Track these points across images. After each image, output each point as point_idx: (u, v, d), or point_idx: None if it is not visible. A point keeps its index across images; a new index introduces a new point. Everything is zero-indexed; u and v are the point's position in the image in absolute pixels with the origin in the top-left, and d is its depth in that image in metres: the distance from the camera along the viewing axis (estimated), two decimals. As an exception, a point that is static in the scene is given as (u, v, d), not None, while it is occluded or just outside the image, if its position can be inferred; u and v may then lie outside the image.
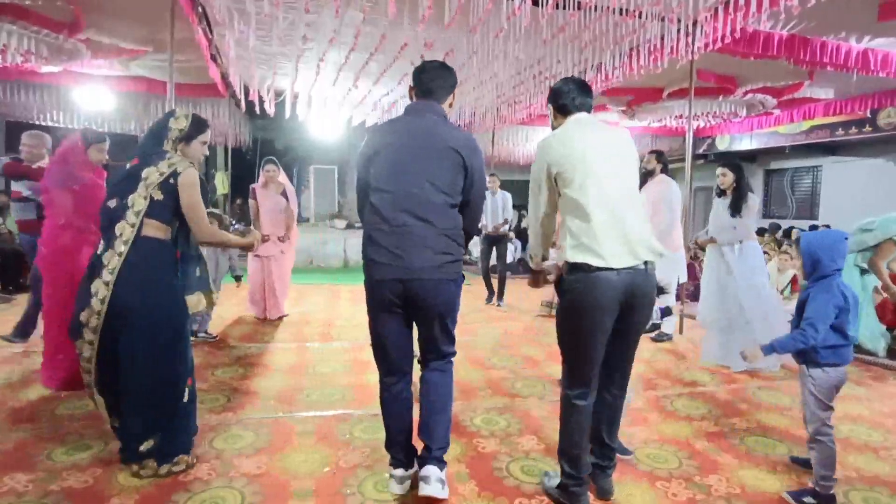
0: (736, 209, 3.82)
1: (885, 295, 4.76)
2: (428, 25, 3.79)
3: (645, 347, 4.47)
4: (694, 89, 5.10)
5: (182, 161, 2.20)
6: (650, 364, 4.02)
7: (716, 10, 3.75)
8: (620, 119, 9.13)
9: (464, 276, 2.11)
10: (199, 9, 4.41)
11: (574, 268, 1.92)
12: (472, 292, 6.23)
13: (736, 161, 4.30)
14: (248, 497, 2.04)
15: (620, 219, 1.91)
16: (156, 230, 2.14)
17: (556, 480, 2.10)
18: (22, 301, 5.64)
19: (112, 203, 2.16)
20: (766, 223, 11.25)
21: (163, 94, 7.04)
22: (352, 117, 7.99)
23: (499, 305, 6.27)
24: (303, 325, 5.02)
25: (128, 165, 2.22)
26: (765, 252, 5.40)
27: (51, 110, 7.47)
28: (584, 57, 4.77)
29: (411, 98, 2.20)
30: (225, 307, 5.78)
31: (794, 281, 6.11)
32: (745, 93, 6.64)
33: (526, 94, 6.39)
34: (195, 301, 2.44)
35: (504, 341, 4.63)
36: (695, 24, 4.01)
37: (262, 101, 6.41)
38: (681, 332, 4.96)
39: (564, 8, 3.65)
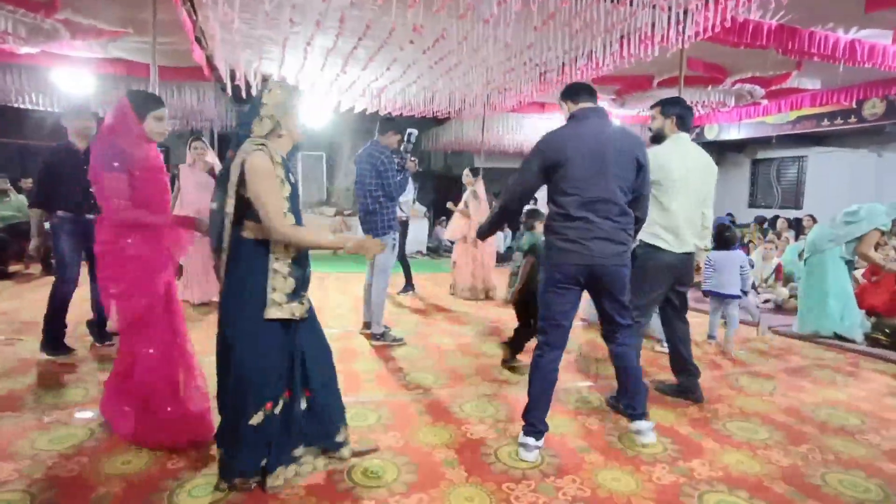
0: None
1: (863, 281, 4.87)
2: (417, 10, 3.73)
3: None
4: (684, 78, 5.11)
5: (252, 144, 1.88)
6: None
7: (706, -2, 3.75)
8: (610, 107, 9.13)
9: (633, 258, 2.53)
10: (183, -11, 4.30)
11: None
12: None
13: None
14: (238, 484, 2.04)
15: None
16: (251, 231, 1.91)
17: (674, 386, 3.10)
18: (6, 287, 5.55)
19: (214, 206, 1.99)
20: (752, 213, 11.39)
21: (145, 76, 6.90)
22: (340, 103, 7.89)
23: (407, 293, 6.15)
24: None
25: (230, 155, 2.02)
26: (749, 242, 5.48)
27: (29, 92, 7.28)
28: (574, 44, 4.74)
29: (569, 107, 2.50)
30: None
31: (778, 269, 6.22)
32: (734, 82, 6.67)
33: (516, 81, 6.35)
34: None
35: (493, 329, 4.66)
36: (685, 12, 4.00)
37: (248, 86, 6.29)
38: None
39: (555, -6, 3.62)
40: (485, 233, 2.75)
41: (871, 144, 9.67)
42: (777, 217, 9.75)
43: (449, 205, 6.41)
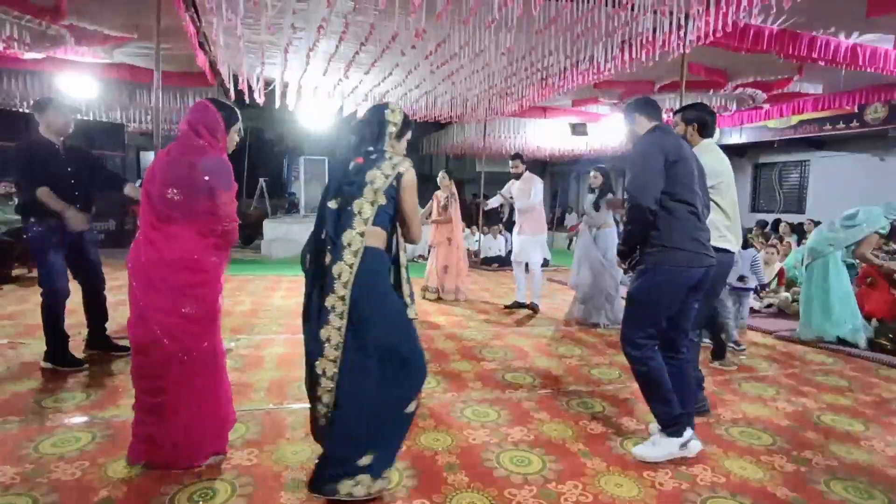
0: (597, 206, 4.91)
1: (862, 287, 4.86)
2: (419, 15, 3.75)
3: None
4: (685, 83, 5.12)
5: (403, 161, 1.98)
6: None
7: (707, 3, 3.76)
8: (612, 112, 9.15)
9: None
10: (187, -5, 4.34)
11: None
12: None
13: (606, 168, 5.11)
14: (240, 489, 2.05)
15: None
16: (376, 239, 1.95)
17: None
18: (10, 290, 5.57)
19: (333, 204, 1.96)
20: (754, 217, 11.36)
21: (148, 82, 6.95)
22: (342, 107, 7.92)
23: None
24: (294, 316, 5.00)
25: (351, 165, 2.00)
26: (752, 246, 5.47)
27: (34, 97, 7.33)
28: (576, 49, 4.76)
29: (650, 121, 2.53)
30: (214, 298, 5.75)
31: (780, 274, 6.20)
32: (736, 87, 6.68)
33: (518, 85, 6.38)
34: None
35: (494, 334, 4.65)
36: (687, 17, 4.01)
37: (251, 91, 6.33)
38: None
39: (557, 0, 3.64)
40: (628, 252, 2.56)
41: (874, 149, 9.66)
42: (779, 221, 9.73)
43: (430, 218, 6.22)
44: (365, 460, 1.91)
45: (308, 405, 2.07)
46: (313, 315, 1.95)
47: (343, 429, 1.92)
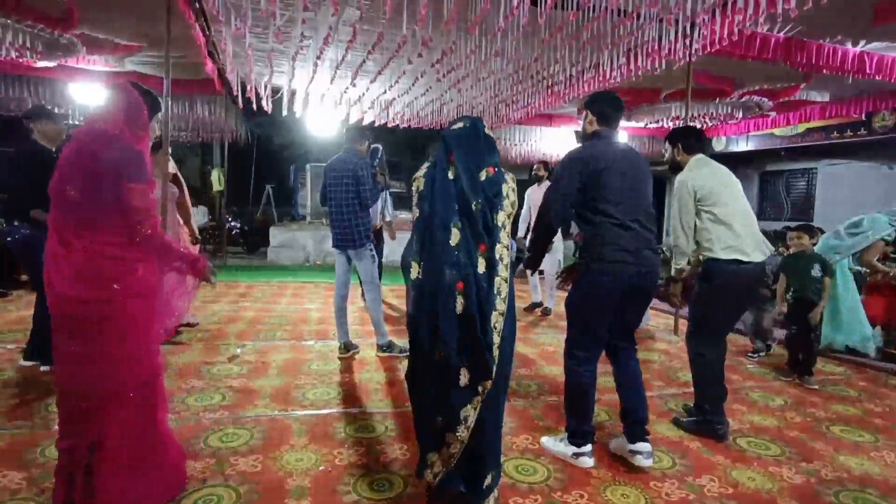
0: None
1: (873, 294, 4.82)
2: (425, 23, 3.78)
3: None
4: (691, 91, 5.12)
5: (513, 179, 1.94)
6: (644, 364, 4.02)
7: (713, 12, 3.77)
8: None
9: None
10: (197, 4, 4.39)
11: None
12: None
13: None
14: (244, 495, 2.04)
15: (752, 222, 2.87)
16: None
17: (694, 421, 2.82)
18: (18, 297, 5.62)
19: (476, 215, 1.83)
20: (760, 226, 11.25)
21: (158, 90, 7.02)
22: (349, 115, 7.97)
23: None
24: (299, 322, 5.01)
25: (483, 175, 1.86)
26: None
27: (45, 105, 7.43)
28: (582, 57, 4.77)
29: (592, 125, 2.52)
30: (220, 304, 5.77)
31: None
32: (742, 95, 6.67)
33: (523, 93, 6.39)
34: None
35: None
36: (692, 25, 4.02)
37: (258, 99, 6.39)
38: (675, 332, 4.99)
39: (563, 8, 3.65)
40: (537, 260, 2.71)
41: (882, 157, 9.59)
42: (787, 228, 9.66)
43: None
44: (488, 480, 1.89)
45: (313, 411, 2.06)
46: (448, 320, 1.77)
47: (477, 452, 1.84)
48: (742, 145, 10.73)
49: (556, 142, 10.63)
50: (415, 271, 1.83)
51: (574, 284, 2.45)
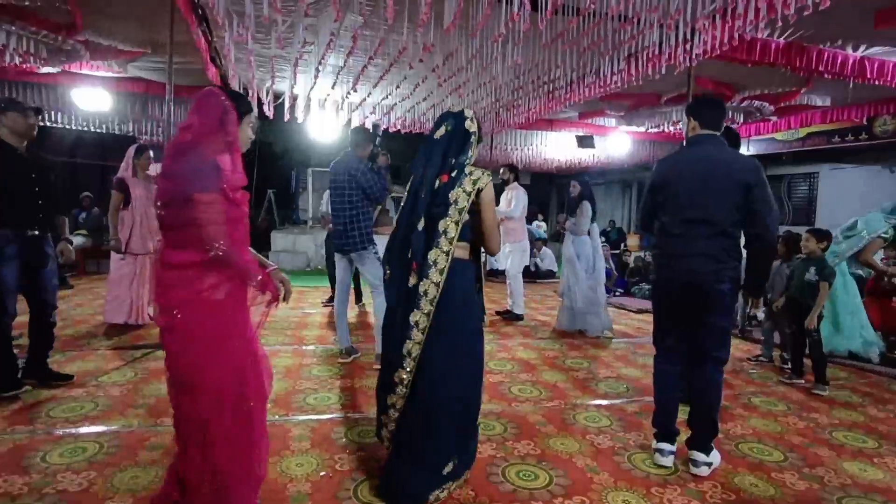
0: (572, 212, 5.16)
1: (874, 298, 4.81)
2: (427, 29, 3.80)
3: (640, 353, 4.48)
4: (692, 95, 5.12)
5: (483, 175, 1.98)
6: (645, 369, 4.02)
7: (714, 17, 3.78)
8: (618, 124, 9.17)
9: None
10: (199, 11, 4.42)
11: None
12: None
13: (584, 177, 5.35)
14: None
15: None
16: (462, 251, 2.04)
17: None
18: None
19: (420, 225, 1.97)
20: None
21: (161, 94, 7.05)
22: (350, 120, 8.00)
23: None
24: (300, 327, 5.01)
25: (436, 184, 1.97)
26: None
27: (48, 111, 7.46)
28: (582, 62, 4.79)
29: (695, 131, 2.55)
30: (222, 309, 5.77)
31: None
32: (743, 99, 6.68)
33: (524, 98, 6.41)
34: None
35: (501, 346, 4.63)
36: (693, 30, 4.03)
37: (260, 104, 6.41)
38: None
39: (563, 13, 3.67)
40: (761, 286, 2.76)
41: (883, 161, 9.59)
42: (788, 232, 9.65)
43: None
44: (448, 467, 2.03)
45: (313, 416, 2.06)
46: (397, 328, 2.01)
47: (428, 438, 2.00)
48: (743, 149, 10.70)
49: (556, 146, 10.64)
50: (386, 275, 2.13)
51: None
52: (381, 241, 3.80)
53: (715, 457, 2.43)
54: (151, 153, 4.93)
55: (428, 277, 1.95)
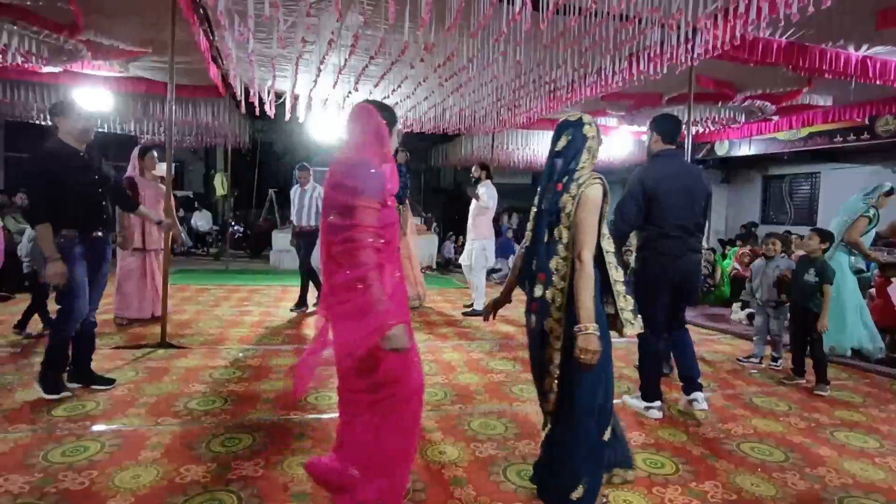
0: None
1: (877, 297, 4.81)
2: (428, 29, 3.80)
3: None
4: (693, 95, 5.12)
5: (589, 179, 1.93)
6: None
7: (715, 16, 3.77)
8: (620, 124, 9.16)
9: None
10: (201, 10, 4.42)
11: None
12: (467, 295, 6.23)
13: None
14: (246, 499, 2.04)
15: None
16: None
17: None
18: (24, 300, 5.63)
19: (545, 237, 1.98)
20: (764, 230, 11.25)
21: (162, 94, 7.05)
22: (352, 119, 7.99)
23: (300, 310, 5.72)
24: (301, 327, 5.02)
25: (552, 193, 1.98)
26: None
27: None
28: (584, 62, 4.78)
29: (658, 144, 3.12)
30: (222, 308, 5.78)
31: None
32: (745, 99, 6.67)
33: (526, 98, 6.41)
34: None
35: (503, 345, 4.63)
36: (694, 30, 4.02)
37: (261, 103, 6.42)
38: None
39: (565, 13, 3.66)
40: None
41: (886, 161, 9.56)
42: (788, 232, 9.63)
43: None
44: (577, 493, 1.92)
45: (315, 415, 2.06)
46: (536, 338, 2.04)
47: (560, 457, 1.99)
48: (745, 149, 10.71)
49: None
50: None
51: (635, 276, 3.05)
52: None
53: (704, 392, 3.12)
54: (156, 153, 4.96)
55: (553, 286, 1.95)
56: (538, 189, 2.11)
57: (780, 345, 4.27)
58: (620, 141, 10.04)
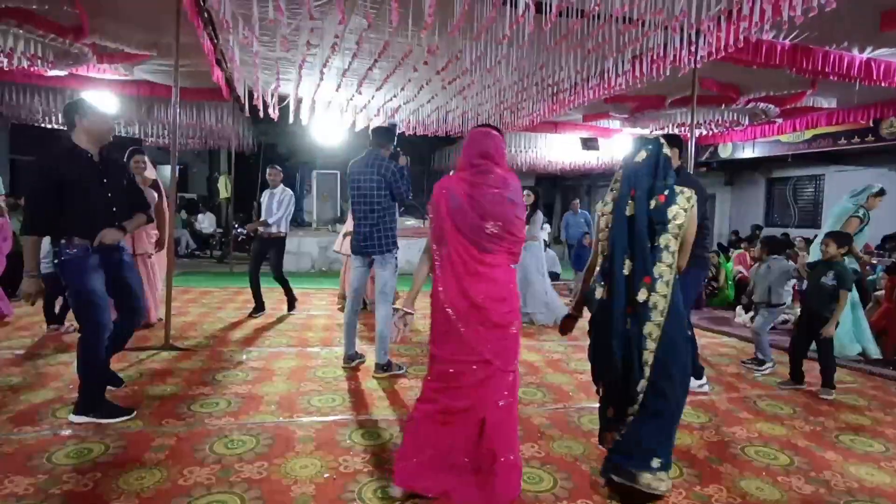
0: (526, 220, 5.29)
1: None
2: (431, 32, 3.81)
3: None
4: (696, 97, 5.11)
5: (691, 195, 2.15)
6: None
7: (718, 19, 3.77)
8: (623, 127, 9.16)
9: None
10: (205, 14, 4.45)
11: None
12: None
13: (537, 188, 5.94)
14: (249, 502, 2.04)
15: None
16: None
17: None
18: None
19: (647, 244, 2.12)
20: (768, 232, 11.20)
21: (166, 97, 7.09)
22: (355, 122, 8.02)
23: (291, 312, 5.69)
24: (304, 329, 5.02)
25: (652, 203, 2.11)
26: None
27: (55, 113, 7.52)
28: (587, 64, 4.79)
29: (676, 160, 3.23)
30: (226, 310, 5.79)
31: (795, 289, 6.11)
32: (748, 101, 6.65)
33: (529, 100, 6.42)
34: None
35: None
36: (697, 32, 4.02)
37: (265, 106, 6.44)
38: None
39: (568, 16, 3.67)
40: None
41: (890, 163, 9.53)
42: (785, 234, 9.60)
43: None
44: (655, 462, 2.12)
45: (318, 418, 2.05)
46: (628, 343, 2.12)
47: (650, 433, 2.14)
48: (748, 152, 10.69)
49: (561, 149, 10.64)
50: (599, 293, 2.21)
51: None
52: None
53: None
54: (146, 157, 4.56)
55: (657, 291, 2.08)
56: (612, 195, 2.23)
57: (761, 344, 4.18)
58: (623, 143, 10.04)
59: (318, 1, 3.66)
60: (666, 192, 2.11)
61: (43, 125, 8.03)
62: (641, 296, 2.08)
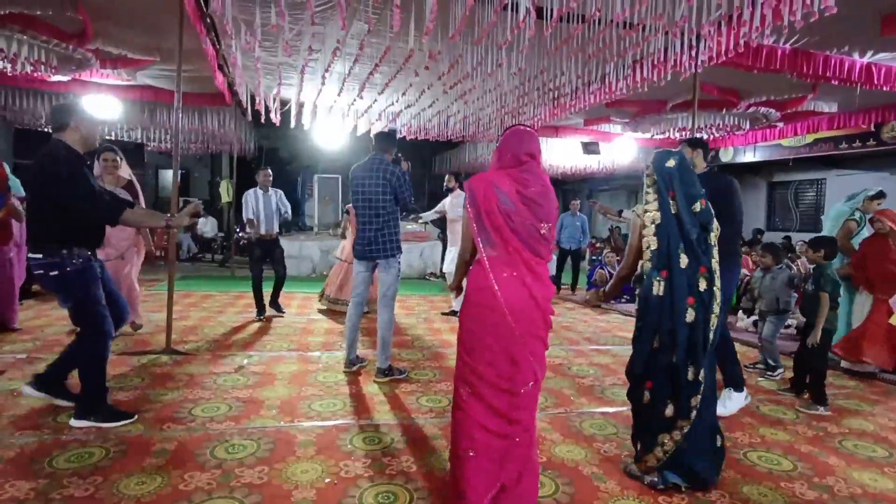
0: None
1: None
2: (432, 36, 3.82)
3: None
4: (697, 102, 5.12)
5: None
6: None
7: (719, 23, 3.78)
8: (624, 131, 9.17)
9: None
10: (208, 19, 4.47)
11: None
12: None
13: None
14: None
15: None
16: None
17: None
18: (30, 306, 5.67)
19: (702, 241, 2.31)
20: (769, 237, 11.19)
21: (169, 102, 7.12)
22: (356, 127, 8.04)
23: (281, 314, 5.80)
24: (305, 333, 5.02)
25: (698, 206, 2.29)
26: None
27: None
28: (587, 69, 4.80)
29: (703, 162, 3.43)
30: (227, 315, 5.79)
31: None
32: (749, 106, 6.66)
33: (530, 105, 6.43)
34: None
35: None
36: (698, 37, 4.03)
37: (267, 111, 6.46)
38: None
39: (569, 20, 3.68)
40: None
41: (891, 167, 9.53)
42: (786, 238, 9.59)
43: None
44: (718, 441, 2.38)
45: (319, 422, 2.05)
46: (683, 328, 2.23)
47: (698, 443, 2.28)
48: (749, 156, 10.70)
49: (562, 153, 10.65)
50: (656, 289, 2.28)
51: None
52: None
53: None
54: (118, 156, 4.28)
55: (714, 284, 2.28)
56: (653, 195, 2.37)
57: (773, 352, 4.16)
58: (624, 148, 10.05)
59: (319, 6, 3.68)
60: (706, 200, 2.33)
61: (46, 130, 8.05)
62: (702, 285, 2.25)
